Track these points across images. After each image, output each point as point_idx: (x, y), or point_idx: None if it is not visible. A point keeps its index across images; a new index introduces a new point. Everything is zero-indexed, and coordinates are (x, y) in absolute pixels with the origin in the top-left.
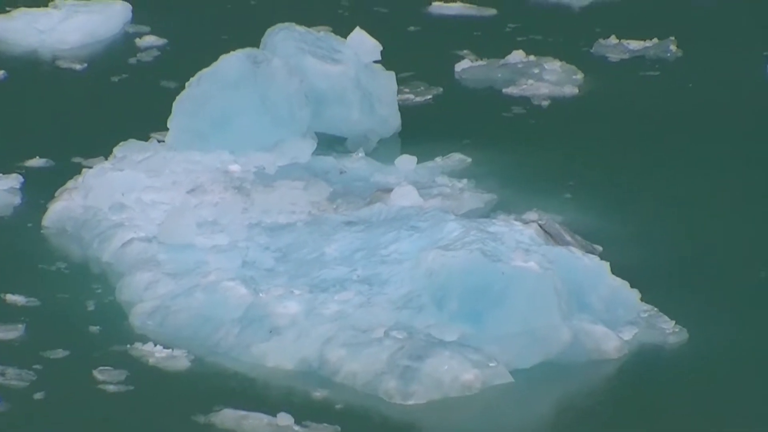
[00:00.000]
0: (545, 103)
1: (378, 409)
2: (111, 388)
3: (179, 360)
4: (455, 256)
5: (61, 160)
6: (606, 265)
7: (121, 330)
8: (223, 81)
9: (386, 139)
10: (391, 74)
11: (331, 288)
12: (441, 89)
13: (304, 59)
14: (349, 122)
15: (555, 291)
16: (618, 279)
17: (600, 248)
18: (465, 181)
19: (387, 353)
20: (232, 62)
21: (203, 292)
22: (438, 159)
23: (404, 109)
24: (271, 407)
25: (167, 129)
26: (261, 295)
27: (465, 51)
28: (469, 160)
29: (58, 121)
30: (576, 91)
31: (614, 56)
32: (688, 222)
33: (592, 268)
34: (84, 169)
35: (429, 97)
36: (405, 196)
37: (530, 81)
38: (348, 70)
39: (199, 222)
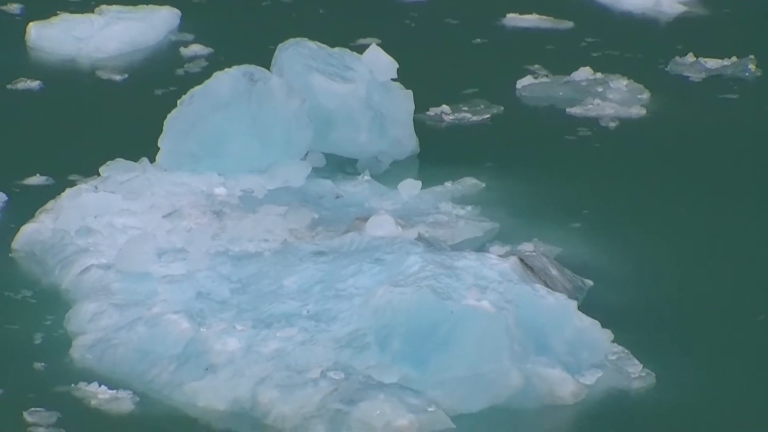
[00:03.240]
0: (612, 124)
1: None
2: (40, 431)
3: (121, 402)
4: (403, 293)
5: (61, 178)
6: (573, 305)
7: (63, 366)
8: (215, 100)
9: (402, 161)
10: (409, 93)
11: (276, 324)
12: (502, 108)
13: (311, 77)
14: (357, 144)
15: (507, 332)
16: (588, 319)
17: (590, 283)
18: (470, 208)
19: (320, 396)
20: (225, 80)
21: (145, 326)
22: (448, 183)
23: (451, 130)
24: None
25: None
26: (202, 330)
27: (536, 66)
28: (483, 185)
29: (82, 135)
30: (643, 112)
31: (690, 75)
32: (699, 265)
33: (556, 308)
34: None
35: (487, 116)
36: (380, 226)
37: (596, 100)
38: (358, 89)
39: (163, 249)
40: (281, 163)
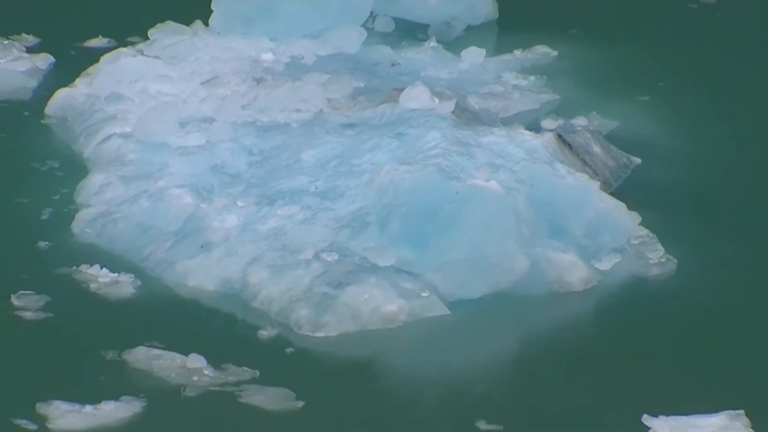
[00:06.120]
0: None
1: (287, 340)
2: (28, 315)
3: (121, 286)
4: (408, 170)
5: (122, 40)
6: (594, 186)
7: (65, 245)
8: None
9: (479, 27)
10: None
11: (280, 200)
12: None
13: None
14: (427, 8)
15: (514, 214)
16: (611, 200)
17: (637, 161)
18: (533, 78)
19: (309, 278)
20: None
21: (149, 200)
22: (517, 52)
23: None
24: (186, 341)
25: None
26: (202, 206)
27: None
28: (555, 53)
29: None
30: None
31: None
32: (764, 153)
33: (576, 189)
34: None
35: None
36: (414, 98)
37: None
38: None
39: (191, 118)
40: (336, 28)
